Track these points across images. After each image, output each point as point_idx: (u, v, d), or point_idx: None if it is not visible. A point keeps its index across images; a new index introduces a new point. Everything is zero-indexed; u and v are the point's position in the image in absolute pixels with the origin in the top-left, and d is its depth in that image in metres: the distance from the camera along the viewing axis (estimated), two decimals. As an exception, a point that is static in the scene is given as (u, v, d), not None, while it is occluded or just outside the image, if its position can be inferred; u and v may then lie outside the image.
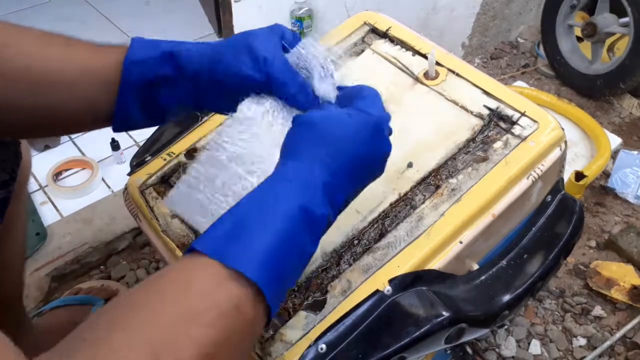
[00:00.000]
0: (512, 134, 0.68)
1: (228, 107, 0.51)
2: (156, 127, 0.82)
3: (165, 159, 0.74)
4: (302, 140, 0.45)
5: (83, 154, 1.31)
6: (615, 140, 1.41)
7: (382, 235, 0.61)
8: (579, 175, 1.17)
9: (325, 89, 0.50)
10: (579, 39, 1.64)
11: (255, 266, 0.37)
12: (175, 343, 0.33)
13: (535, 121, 0.68)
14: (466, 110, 0.72)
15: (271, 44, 0.50)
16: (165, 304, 0.35)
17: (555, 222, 0.70)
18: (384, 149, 0.49)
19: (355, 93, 0.50)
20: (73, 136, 1.35)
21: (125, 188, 0.75)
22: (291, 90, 0.50)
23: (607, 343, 1.01)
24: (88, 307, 0.97)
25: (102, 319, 0.35)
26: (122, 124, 0.53)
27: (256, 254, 0.38)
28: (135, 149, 1.16)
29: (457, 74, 0.75)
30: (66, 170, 1.26)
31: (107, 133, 1.31)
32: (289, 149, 0.46)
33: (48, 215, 1.15)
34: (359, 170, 0.46)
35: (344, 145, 0.45)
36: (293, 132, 0.46)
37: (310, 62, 0.50)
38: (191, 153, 0.74)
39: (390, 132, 0.50)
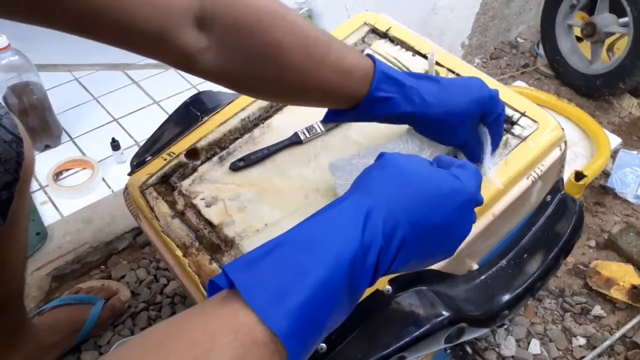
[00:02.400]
0: (512, 134, 0.68)
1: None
2: (156, 127, 0.82)
3: (165, 159, 0.74)
4: (380, 177, 0.41)
5: (83, 153, 1.31)
6: (614, 140, 1.41)
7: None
8: (579, 175, 1.17)
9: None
10: (579, 39, 1.64)
11: (289, 328, 0.32)
12: None
13: (535, 121, 0.68)
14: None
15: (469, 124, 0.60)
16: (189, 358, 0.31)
17: (555, 222, 0.70)
18: (463, 228, 0.43)
19: (455, 162, 0.46)
20: (73, 136, 1.35)
21: (126, 188, 0.75)
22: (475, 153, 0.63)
23: (607, 342, 1.01)
24: (88, 306, 0.97)
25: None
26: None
27: (287, 305, 0.33)
28: (136, 148, 1.16)
29: (457, 74, 0.75)
30: (66, 170, 1.26)
31: (107, 133, 1.32)
32: (363, 182, 0.41)
33: (48, 215, 1.16)
34: (428, 234, 0.40)
35: (424, 198, 0.40)
36: (373, 167, 0.43)
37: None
38: (191, 153, 0.75)
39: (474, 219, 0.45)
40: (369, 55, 0.58)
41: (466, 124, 0.60)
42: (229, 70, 0.53)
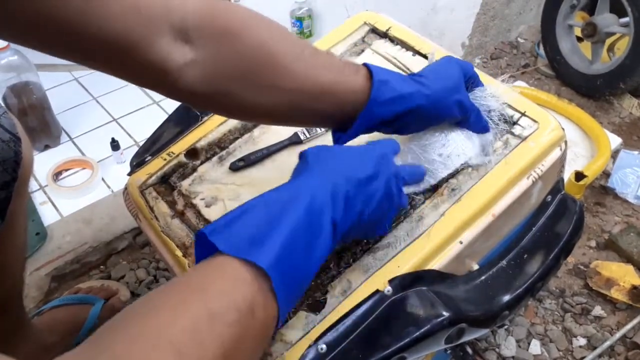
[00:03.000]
0: (512, 134, 0.68)
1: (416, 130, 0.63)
2: (156, 127, 0.82)
3: (165, 159, 0.74)
4: (309, 164, 0.49)
5: (83, 153, 1.31)
6: (615, 140, 1.41)
7: (382, 235, 0.61)
8: (579, 175, 1.17)
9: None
10: (579, 39, 1.64)
11: (270, 261, 0.39)
12: (198, 342, 0.34)
13: (535, 121, 0.68)
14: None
15: (465, 92, 0.61)
16: (185, 304, 0.36)
17: (556, 222, 0.70)
18: (386, 177, 0.51)
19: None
20: (73, 136, 1.35)
21: (125, 188, 0.75)
22: (478, 124, 0.64)
23: (607, 343, 1.01)
24: (87, 307, 0.97)
25: (121, 321, 0.36)
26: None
27: (269, 249, 0.40)
28: (135, 148, 1.16)
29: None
30: (66, 170, 1.26)
31: (107, 133, 1.32)
32: (300, 170, 0.50)
33: (48, 215, 1.15)
34: (361, 185, 0.49)
35: (346, 163, 0.50)
36: (301, 161, 0.51)
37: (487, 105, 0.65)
38: (191, 153, 0.75)
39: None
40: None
41: (462, 91, 0.60)
42: (220, 85, 0.50)
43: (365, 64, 0.57)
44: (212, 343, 0.35)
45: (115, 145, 1.25)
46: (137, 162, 0.76)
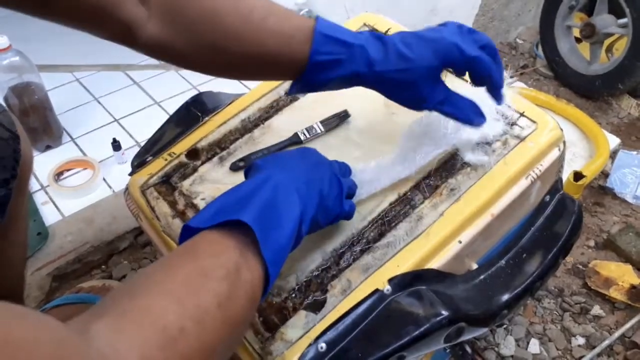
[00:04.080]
0: (511, 134, 0.68)
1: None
2: (157, 128, 0.82)
3: (166, 159, 0.74)
4: (260, 167, 0.53)
5: (84, 154, 1.31)
6: (613, 141, 1.42)
7: (381, 235, 0.61)
8: (578, 175, 1.17)
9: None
10: (578, 40, 1.64)
11: (252, 216, 0.43)
12: (195, 292, 0.38)
13: (534, 121, 0.69)
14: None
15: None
16: (179, 265, 0.40)
17: (554, 222, 0.70)
18: (330, 182, 0.55)
19: None
20: (74, 136, 1.36)
21: (127, 188, 0.75)
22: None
23: (606, 342, 1.01)
24: (89, 306, 0.96)
25: (119, 289, 0.40)
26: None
27: (249, 210, 0.44)
28: (137, 149, 1.16)
29: (457, 74, 0.75)
30: (67, 170, 1.26)
31: (108, 133, 1.33)
32: (252, 173, 0.53)
33: (49, 215, 1.16)
34: (313, 185, 0.52)
35: (291, 160, 0.54)
36: (252, 169, 0.54)
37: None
38: (192, 153, 0.75)
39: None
40: (317, 18, 0.57)
41: (425, 80, 0.56)
42: (167, 41, 0.55)
43: (318, 21, 0.56)
44: (207, 293, 0.38)
45: (116, 145, 1.26)
46: (139, 162, 0.76)
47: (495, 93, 0.60)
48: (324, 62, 0.55)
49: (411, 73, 0.55)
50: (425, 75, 0.56)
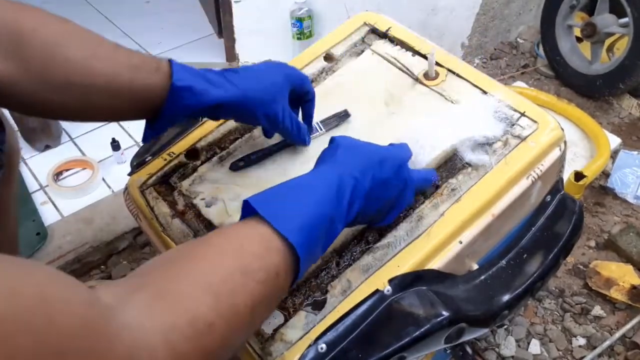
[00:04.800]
0: (512, 134, 0.68)
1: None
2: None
3: (165, 159, 0.74)
4: (337, 154, 0.53)
5: (83, 154, 1.31)
6: (614, 141, 1.41)
7: (382, 235, 0.61)
8: (579, 176, 1.17)
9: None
10: (579, 39, 1.64)
11: (300, 240, 0.44)
12: (232, 290, 0.39)
13: (534, 121, 0.68)
14: (466, 110, 0.72)
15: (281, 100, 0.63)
16: (223, 258, 0.41)
17: (555, 222, 0.70)
18: (400, 182, 0.56)
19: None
20: (73, 136, 1.35)
21: (126, 188, 0.75)
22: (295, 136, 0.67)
23: (607, 343, 1.01)
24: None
25: (162, 262, 0.40)
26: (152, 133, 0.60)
27: (298, 223, 0.45)
28: (136, 149, 1.16)
29: (457, 75, 0.75)
30: (67, 170, 1.26)
31: (107, 133, 1.32)
32: (327, 156, 0.54)
33: (48, 215, 1.16)
34: (379, 184, 0.53)
35: (372, 159, 0.53)
36: (331, 147, 0.56)
37: None
38: (191, 153, 0.75)
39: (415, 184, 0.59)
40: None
41: (275, 101, 0.61)
42: (12, 79, 0.51)
43: (169, 60, 0.57)
44: (243, 294, 0.39)
45: (115, 145, 1.25)
46: (138, 162, 0.76)
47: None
48: (184, 87, 0.55)
49: (264, 94, 0.61)
50: (277, 95, 0.62)
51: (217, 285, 0.38)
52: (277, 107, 0.62)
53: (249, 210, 0.46)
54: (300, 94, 0.67)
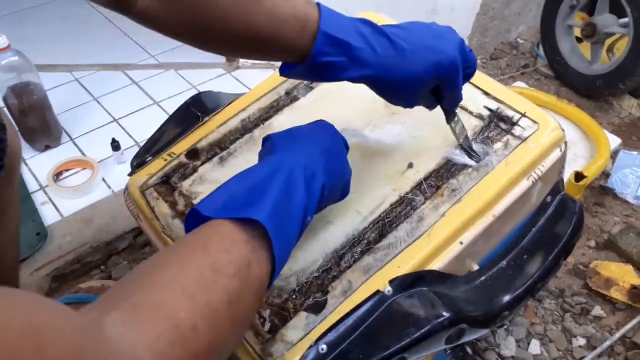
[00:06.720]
0: (513, 134, 0.68)
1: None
2: (157, 128, 0.82)
3: (166, 159, 0.74)
4: (276, 145, 0.55)
5: (83, 154, 1.31)
6: (614, 141, 1.41)
7: (382, 236, 0.61)
8: (579, 176, 1.17)
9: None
10: (579, 40, 1.64)
11: (264, 214, 0.43)
12: (206, 288, 0.39)
13: (535, 122, 0.68)
14: (466, 111, 0.72)
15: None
16: (190, 259, 0.40)
17: (555, 222, 0.70)
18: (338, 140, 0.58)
19: None
20: (73, 136, 1.35)
21: (126, 188, 0.75)
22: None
23: (607, 343, 1.01)
24: (88, 306, 0.97)
25: (132, 277, 0.40)
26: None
27: (262, 207, 0.44)
28: (136, 149, 1.16)
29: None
30: (66, 170, 1.26)
31: (107, 133, 1.32)
32: (268, 151, 0.55)
33: (48, 215, 1.15)
34: (324, 154, 0.54)
35: (306, 138, 0.55)
36: (268, 143, 0.57)
37: None
38: (192, 153, 0.75)
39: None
40: (319, 5, 0.54)
41: (417, 90, 0.58)
42: (159, 14, 0.53)
43: (319, 7, 0.54)
44: (218, 290, 0.39)
45: (115, 145, 1.25)
46: (138, 163, 0.76)
47: (449, 110, 0.65)
48: (324, 63, 0.54)
49: (406, 82, 0.56)
50: (418, 85, 0.57)
51: (191, 287, 0.38)
52: (424, 93, 0.59)
53: (199, 218, 0.45)
54: (444, 82, 0.59)
